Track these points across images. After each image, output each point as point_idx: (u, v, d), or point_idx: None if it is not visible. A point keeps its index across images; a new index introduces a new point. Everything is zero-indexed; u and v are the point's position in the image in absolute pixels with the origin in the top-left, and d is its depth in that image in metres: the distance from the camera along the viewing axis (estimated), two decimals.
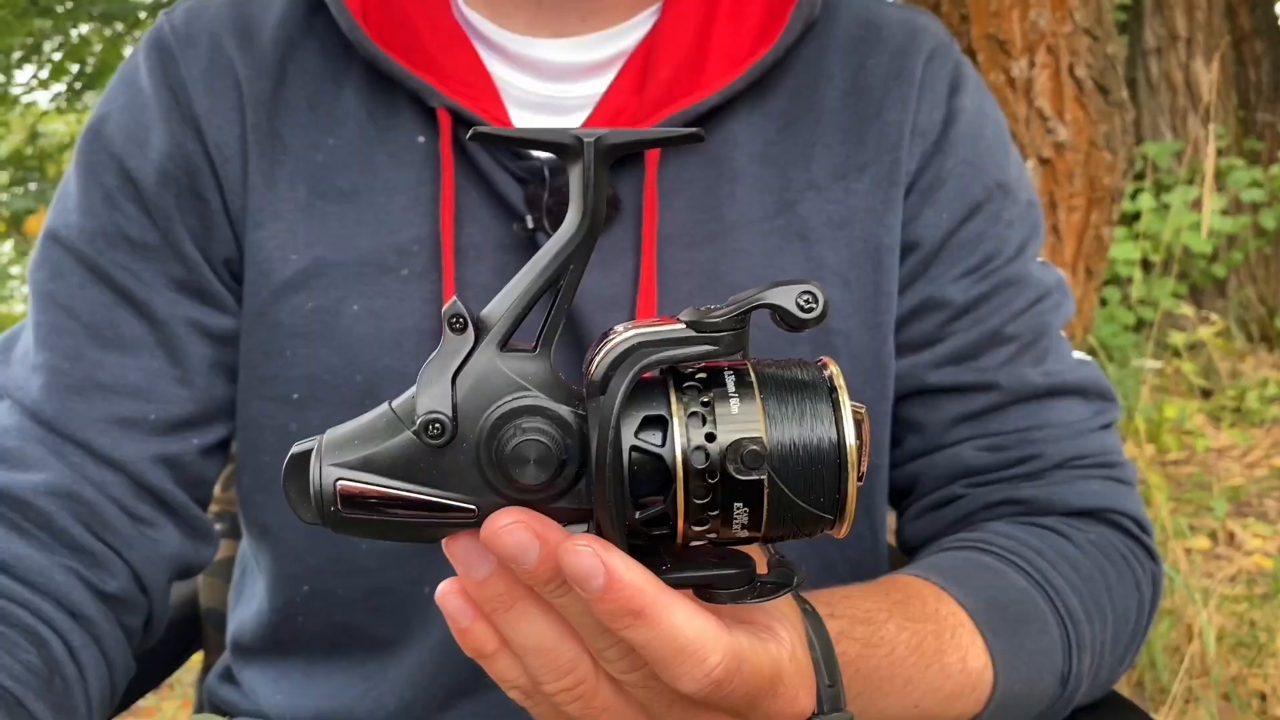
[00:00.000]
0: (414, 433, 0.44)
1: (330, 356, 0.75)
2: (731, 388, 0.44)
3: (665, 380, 0.44)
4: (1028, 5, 1.89)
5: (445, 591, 0.48)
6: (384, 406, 0.46)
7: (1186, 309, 4.22)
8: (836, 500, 0.44)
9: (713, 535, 0.44)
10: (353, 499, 0.45)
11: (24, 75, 3.65)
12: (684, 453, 0.42)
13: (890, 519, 0.97)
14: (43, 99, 4.30)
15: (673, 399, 0.43)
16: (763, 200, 0.77)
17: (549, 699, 0.48)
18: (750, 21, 0.78)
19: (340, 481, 0.44)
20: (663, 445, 0.43)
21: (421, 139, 0.76)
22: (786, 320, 0.44)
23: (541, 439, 0.43)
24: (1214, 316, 4.50)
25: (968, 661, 0.66)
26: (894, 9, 0.84)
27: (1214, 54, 4.70)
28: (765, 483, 0.43)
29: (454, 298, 0.46)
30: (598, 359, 0.43)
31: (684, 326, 0.43)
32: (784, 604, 0.51)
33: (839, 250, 0.77)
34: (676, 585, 0.44)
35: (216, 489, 1.08)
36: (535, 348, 0.45)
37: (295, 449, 0.47)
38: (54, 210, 0.78)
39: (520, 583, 0.46)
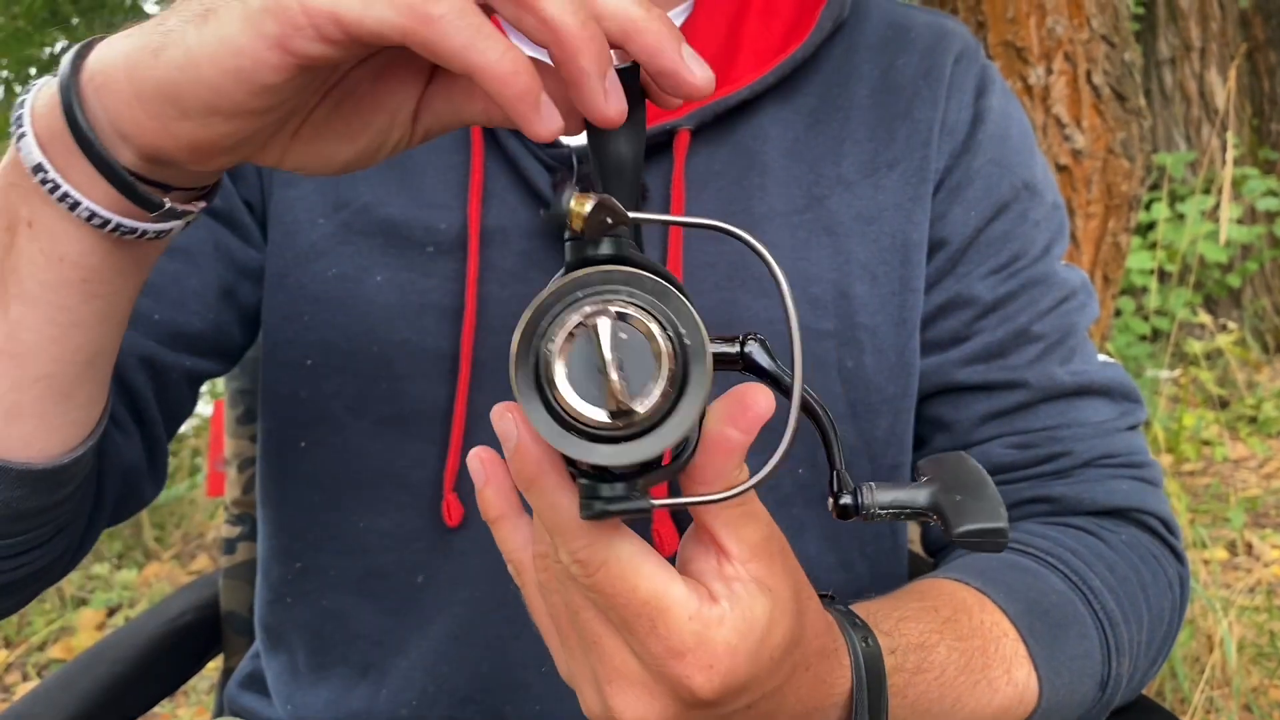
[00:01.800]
0: None
1: (349, 324, 0.75)
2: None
3: None
4: (1045, 12, 1.89)
5: (471, 455, 0.49)
6: None
7: (1204, 317, 4.20)
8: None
9: None
10: None
11: None
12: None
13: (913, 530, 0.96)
14: None
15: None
16: (791, 194, 0.77)
17: (530, 573, 0.50)
18: (780, 20, 0.79)
19: None
20: None
21: None
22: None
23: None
24: (1231, 325, 4.48)
25: (1013, 673, 0.65)
26: (922, 12, 0.85)
27: (1228, 64, 4.69)
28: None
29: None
30: None
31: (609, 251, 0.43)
32: (760, 605, 0.46)
33: (867, 245, 0.77)
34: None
35: (236, 491, 1.09)
36: None
37: None
38: None
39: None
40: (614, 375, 0.39)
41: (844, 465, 0.48)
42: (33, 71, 3.52)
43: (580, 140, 0.76)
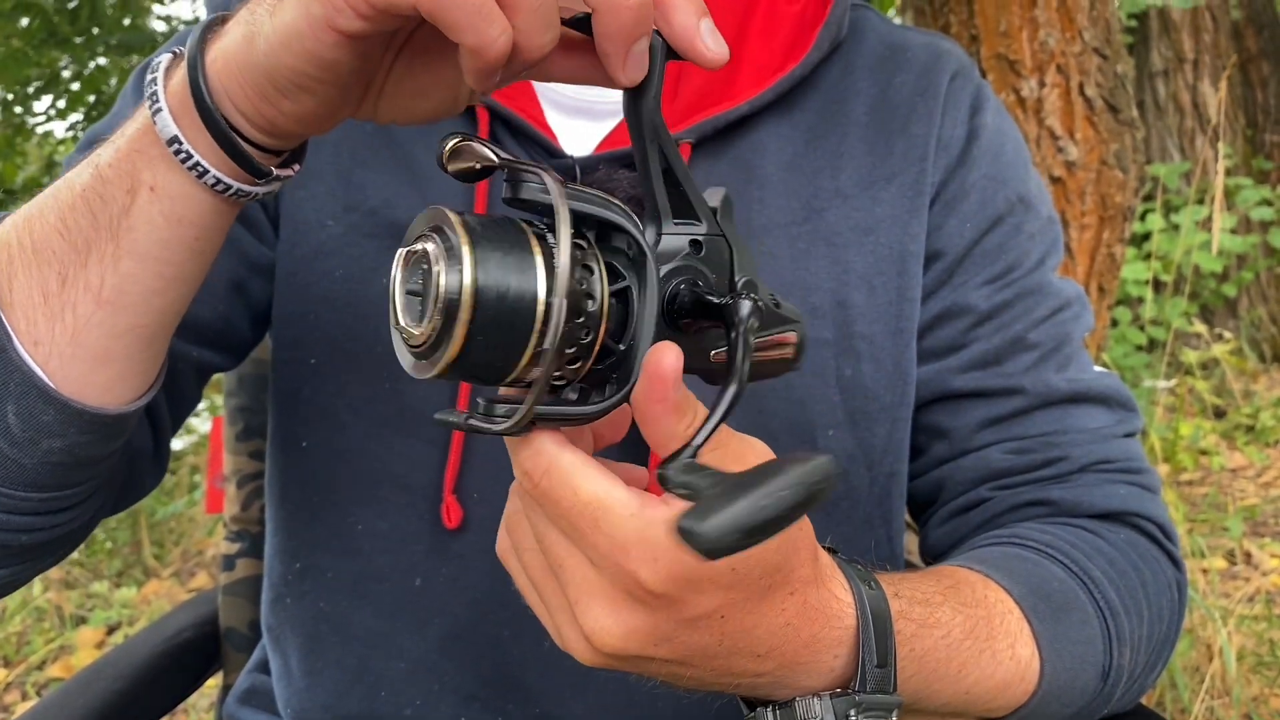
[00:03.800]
0: None
1: (355, 324, 0.76)
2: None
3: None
4: (1037, 25, 1.90)
5: None
6: None
7: (1200, 326, 4.21)
8: None
9: None
10: None
11: (41, 105, 3.68)
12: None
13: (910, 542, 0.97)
14: (58, 129, 4.33)
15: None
16: (790, 206, 0.78)
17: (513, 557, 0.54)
18: (780, 39, 0.81)
19: None
20: None
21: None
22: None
23: None
24: (1227, 334, 4.49)
25: (1016, 649, 0.65)
26: (918, 33, 0.87)
27: (1221, 76, 4.71)
28: None
29: None
30: None
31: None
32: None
33: (865, 256, 0.78)
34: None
35: (236, 508, 1.09)
36: None
37: None
38: (99, 126, 0.78)
39: None
40: (396, 298, 0.46)
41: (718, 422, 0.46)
42: (33, 90, 3.52)
43: (583, 151, 0.77)
